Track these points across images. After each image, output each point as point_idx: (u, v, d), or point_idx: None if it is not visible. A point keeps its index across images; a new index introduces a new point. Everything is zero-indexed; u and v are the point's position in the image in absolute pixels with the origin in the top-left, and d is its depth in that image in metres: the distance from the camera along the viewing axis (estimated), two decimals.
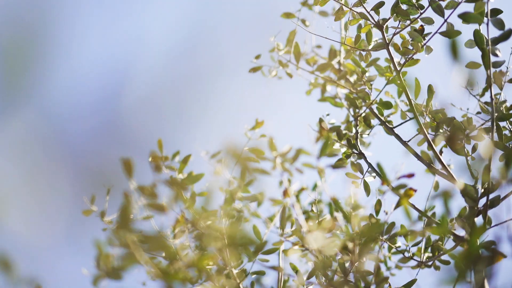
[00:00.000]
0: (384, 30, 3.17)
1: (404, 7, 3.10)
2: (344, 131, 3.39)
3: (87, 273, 2.80)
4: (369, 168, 3.28)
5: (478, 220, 3.00)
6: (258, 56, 3.48)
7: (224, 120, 3.71)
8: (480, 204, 2.98)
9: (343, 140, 3.35)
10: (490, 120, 3.09)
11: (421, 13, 3.10)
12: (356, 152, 3.33)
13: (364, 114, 3.36)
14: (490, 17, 2.88)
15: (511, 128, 3.19)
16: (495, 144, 3.04)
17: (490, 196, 2.94)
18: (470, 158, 3.18)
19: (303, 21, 3.51)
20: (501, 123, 3.13)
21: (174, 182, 2.93)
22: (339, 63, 3.47)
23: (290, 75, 3.50)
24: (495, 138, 3.03)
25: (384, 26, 3.17)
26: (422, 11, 3.10)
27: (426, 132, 3.19)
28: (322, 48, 3.52)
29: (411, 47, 3.17)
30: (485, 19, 2.88)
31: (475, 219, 3.00)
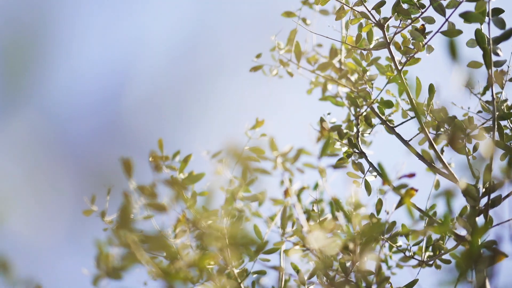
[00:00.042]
0: (385, 29, 3.17)
1: (405, 6, 3.10)
2: (345, 130, 3.38)
3: (88, 273, 2.80)
4: (370, 168, 3.28)
5: (480, 219, 3.00)
6: (258, 55, 3.48)
7: (225, 119, 3.71)
8: (481, 203, 2.97)
9: (344, 139, 3.34)
10: (491, 119, 3.09)
11: (422, 12, 3.10)
12: (357, 151, 3.32)
13: (365, 113, 3.35)
14: (491, 16, 2.88)
15: None
16: (496, 143, 3.04)
17: (492, 196, 2.94)
18: (471, 157, 3.17)
19: (304, 20, 3.51)
20: (502, 122, 3.13)
21: (175, 181, 2.93)
22: (340, 62, 3.46)
23: (291, 74, 3.50)
24: (496, 137, 3.02)
25: (385, 25, 3.17)
26: (423, 10, 3.09)
27: (427, 131, 3.18)
28: (323, 47, 3.52)
29: (412, 46, 3.17)
30: (486, 19, 2.88)
31: (477, 218, 3.00)
